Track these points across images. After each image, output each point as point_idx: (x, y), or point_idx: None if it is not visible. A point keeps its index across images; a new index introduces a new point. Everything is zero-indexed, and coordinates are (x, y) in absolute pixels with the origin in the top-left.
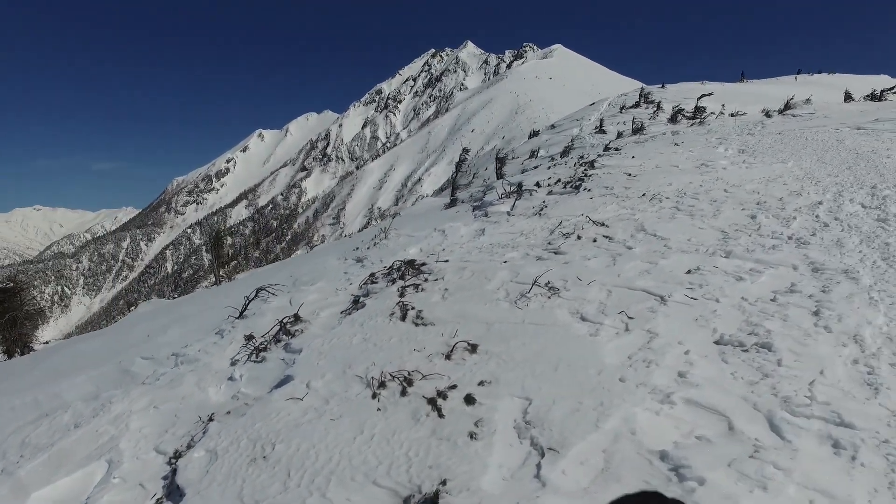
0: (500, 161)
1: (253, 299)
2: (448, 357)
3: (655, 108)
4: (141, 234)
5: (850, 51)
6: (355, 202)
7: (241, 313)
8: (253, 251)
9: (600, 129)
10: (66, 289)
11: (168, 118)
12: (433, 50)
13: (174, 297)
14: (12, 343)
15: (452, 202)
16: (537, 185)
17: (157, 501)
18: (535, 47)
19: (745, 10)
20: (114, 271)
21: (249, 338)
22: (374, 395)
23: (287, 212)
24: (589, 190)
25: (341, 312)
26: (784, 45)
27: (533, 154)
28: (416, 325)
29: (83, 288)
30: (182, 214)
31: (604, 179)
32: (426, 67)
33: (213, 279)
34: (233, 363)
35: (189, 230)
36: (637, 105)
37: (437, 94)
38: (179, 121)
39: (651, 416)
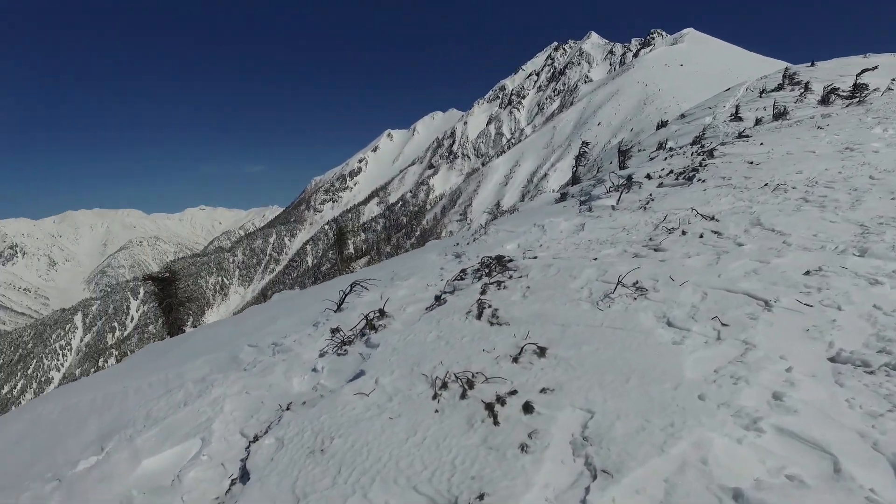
0: (623, 154)
1: (348, 294)
2: (515, 360)
3: (802, 90)
4: (285, 230)
5: None
6: (481, 198)
7: (339, 307)
8: (384, 246)
9: (736, 117)
10: (224, 279)
11: (307, 123)
12: (556, 43)
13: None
14: (172, 325)
15: (562, 196)
16: (647, 176)
17: (232, 481)
18: (663, 33)
19: None
20: (262, 264)
21: (335, 331)
22: (435, 396)
23: (416, 208)
24: (703, 181)
25: (426, 308)
26: None
27: (660, 146)
28: (491, 324)
29: (238, 279)
30: (320, 212)
31: (721, 169)
32: (549, 61)
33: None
34: (321, 354)
35: (326, 226)
36: (780, 87)
37: (561, 88)
38: (317, 125)
39: (730, 444)
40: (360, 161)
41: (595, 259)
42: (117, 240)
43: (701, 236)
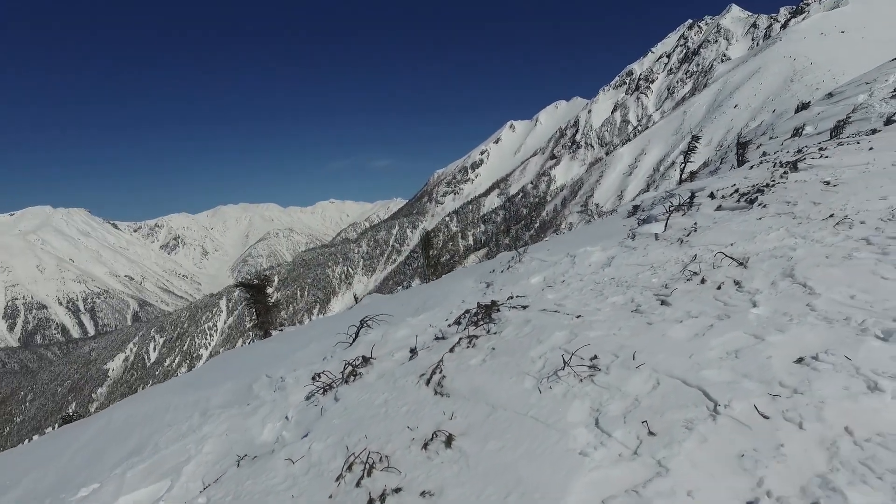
0: (742, 147)
1: (360, 329)
2: (425, 446)
3: None
4: (407, 222)
5: None
6: (604, 189)
7: (353, 341)
8: (503, 238)
9: None
10: (349, 269)
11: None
12: (690, 21)
13: (406, 287)
14: (262, 326)
15: (634, 210)
16: (711, 195)
17: None
18: None
19: None
20: (385, 255)
21: (317, 376)
22: (339, 478)
23: (536, 200)
24: (764, 206)
25: (405, 359)
26: None
27: (796, 132)
28: (435, 392)
29: (362, 269)
30: (441, 204)
31: (790, 190)
32: (681, 41)
33: (425, 274)
34: (306, 397)
35: (447, 218)
36: None
37: (694, 70)
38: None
39: None
40: (481, 153)
41: (578, 317)
42: (257, 231)
43: (718, 287)
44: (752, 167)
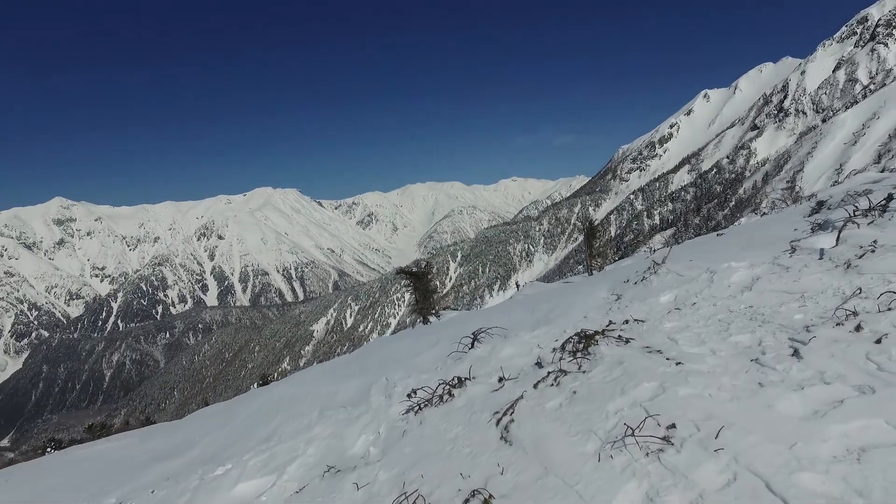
0: None
1: (475, 340)
2: (466, 502)
3: None
4: (589, 199)
5: None
6: (817, 162)
7: (470, 347)
8: (693, 218)
9: None
10: (530, 247)
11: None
12: None
13: (612, 262)
14: (421, 312)
15: (818, 207)
16: None
17: None
18: None
19: None
20: (566, 233)
21: (412, 394)
22: None
23: (732, 176)
24: None
25: (498, 384)
26: None
27: None
28: (501, 437)
29: (542, 246)
30: (626, 181)
31: None
32: None
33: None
34: (405, 411)
35: (632, 196)
36: None
37: None
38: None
39: None
40: (671, 126)
41: (678, 364)
42: (442, 209)
43: (878, 341)
44: None
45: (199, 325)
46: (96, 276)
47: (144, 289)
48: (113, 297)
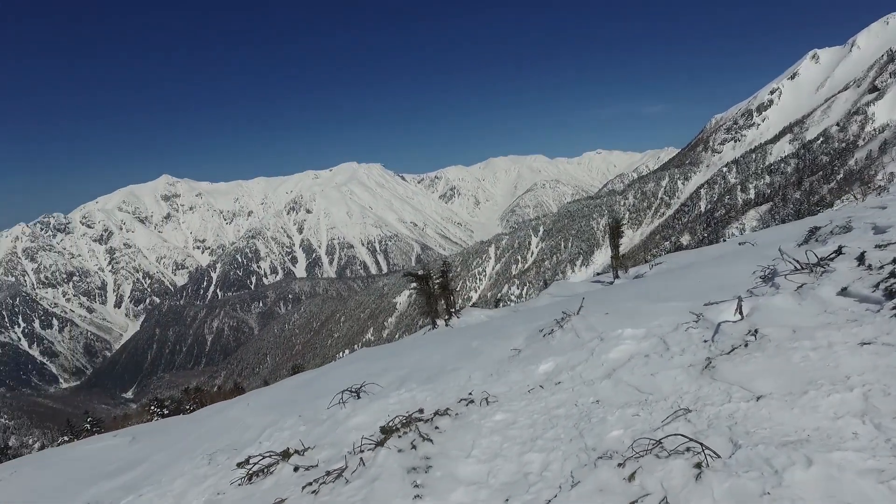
0: None
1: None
2: None
3: None
4: (678, 172)
5: None
6: None
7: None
8: (793, 192)
9: None
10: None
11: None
12: None
13: (699, 240)
14: (434, 313)
15: (811, 234)
16: (860, 258)
17: None
18: None
19: None
20: (653, 208)
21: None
22: None
23: (842, 145)
24: None
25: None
26: None
27: None
28: None
29: (628, 221)
30: (718, 153)
31: None
32: None
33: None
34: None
35: (725, 168)
36: None
37: None
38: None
39: None
40: (771, 92)
41: (422, 499)
42: (525, 182)
43: None
44: None
45: (290, 296)
46: (198, 247)
47: (240, 260)
48: (212, 268)
